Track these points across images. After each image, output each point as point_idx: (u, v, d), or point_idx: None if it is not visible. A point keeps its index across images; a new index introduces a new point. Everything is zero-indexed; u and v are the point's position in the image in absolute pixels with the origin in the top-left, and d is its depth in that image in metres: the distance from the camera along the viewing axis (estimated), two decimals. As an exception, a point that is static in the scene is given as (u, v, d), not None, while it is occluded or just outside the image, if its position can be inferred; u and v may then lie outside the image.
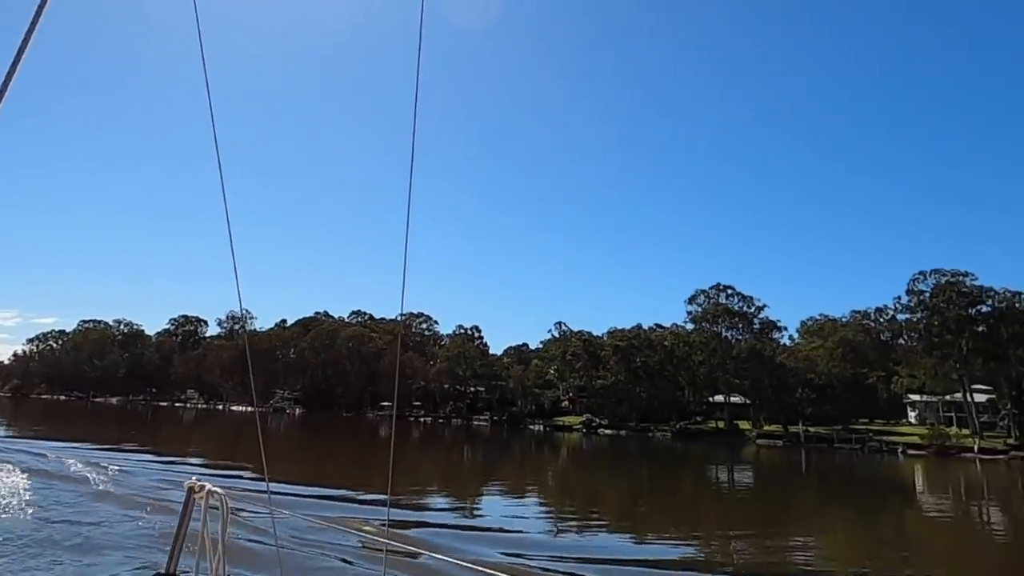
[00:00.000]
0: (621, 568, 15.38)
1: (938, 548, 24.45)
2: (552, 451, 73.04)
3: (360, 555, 15.55)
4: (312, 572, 13.82)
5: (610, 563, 15.78)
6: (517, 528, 21.33)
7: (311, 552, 15.54)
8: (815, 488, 47.72)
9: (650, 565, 16.17)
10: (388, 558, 13.27)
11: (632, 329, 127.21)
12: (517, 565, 15.13)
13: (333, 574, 13.93)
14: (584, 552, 17.43)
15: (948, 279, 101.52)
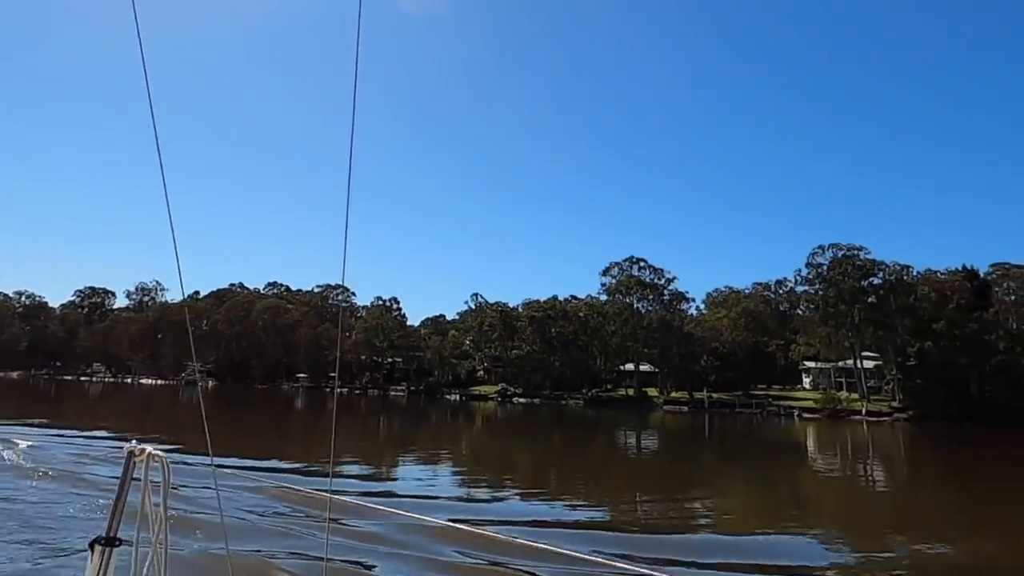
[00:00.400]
0: (533, 529, 15.64)
1: (828, 503, 26.02)
2: (468, 420, 73.77)
3: (301, 522, 15.47)
4: (256, 537, 13.66)
5: (523, 524, 16.09)
6: (432, 494, 21.74)
7: (253, 519, 15.41)
8: (717, 451, 49.74)
9: (561, 526, 16.49)
10: (330, 525, 13.34)
11: (548, 300, 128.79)
12: (449, 526, 15.41)
13: (276, 538, 13.80)
14: (497, 514, 17.77)
15: (844, 253, 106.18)
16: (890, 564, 14.55)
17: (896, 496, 29.77)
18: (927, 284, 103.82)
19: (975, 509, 24.77)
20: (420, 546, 13.65)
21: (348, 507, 16.77)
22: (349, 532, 14.28)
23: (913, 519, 22.44)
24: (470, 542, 13.99)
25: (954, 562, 15.24)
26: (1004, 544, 18.20)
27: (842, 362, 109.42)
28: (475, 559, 12.98)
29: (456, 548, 13.53)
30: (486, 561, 12.75)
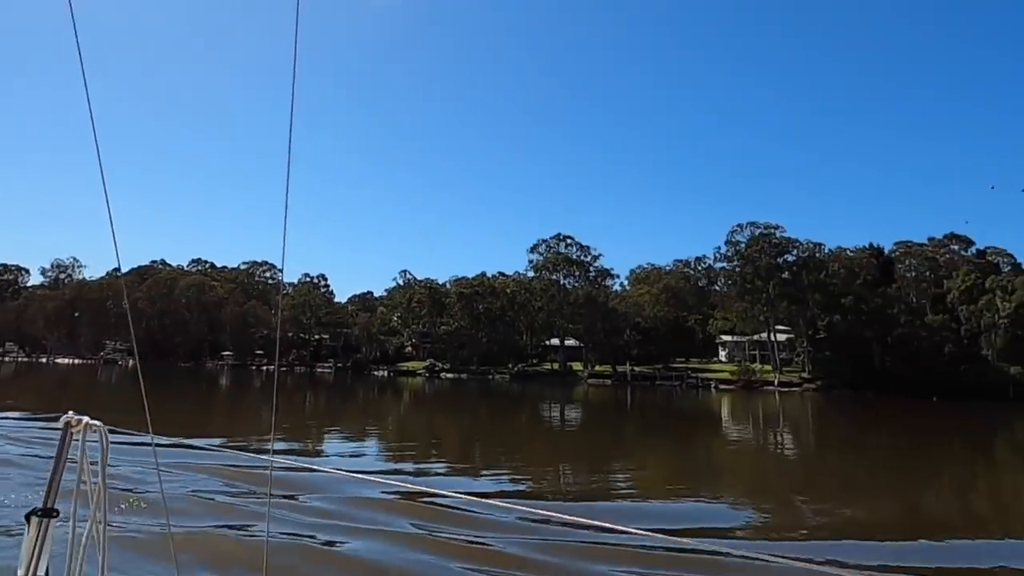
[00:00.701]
0: (459, 500, 15.70)
1: (741, 470, 27.23)
2: (395, 395, 73.81)
3: (242, 497, 15.30)
4: (196, 513, 13.41)
5: (448, 497, 16.39)
6: (361, 468, 21.93)
7: (193, 495, 15.15)
8: (638, 422, 51.13)
9: (486, 496, 16.84)
10: (271, 500, 13.29)
11: (476, 277, 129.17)
12: (380, 498, 15.60)
13: (217, 514, 13.55)
14: (425, 486, 17.99)
15: (761, 231, 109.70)
16: (796, 524, 15.32)
17: (803, 461, 31.26)
18: (837, 261, 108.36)
19: (873, 472, 26.27)
20: (362, 518, 13.80)
21: (288, 482, 16.70)
22: (289, 506, 14.30)
23: (818, 483, 23.64)
24: (413, 512, 14.31)
25: (854, 521, 16.05)
26: (897, 503, 19.53)
27: (756, 335, 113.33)
28: (419, 528, 13.24)
29: (399, 517, 13.81)
30: (427, 531, 13.02)
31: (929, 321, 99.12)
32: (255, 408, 47.75)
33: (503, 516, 14.10)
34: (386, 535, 12.59)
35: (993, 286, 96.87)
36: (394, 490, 16.42)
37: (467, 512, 14.53)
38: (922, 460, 31.27)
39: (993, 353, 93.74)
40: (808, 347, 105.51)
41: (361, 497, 15.62)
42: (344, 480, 17.55)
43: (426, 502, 15.31)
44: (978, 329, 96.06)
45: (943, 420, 57.15)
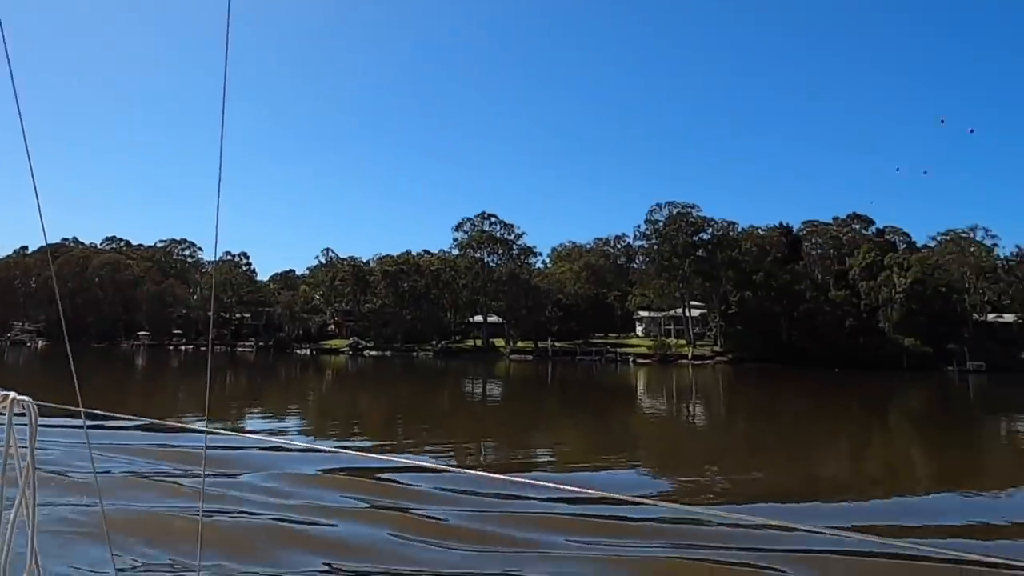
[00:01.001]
0: (382, 474, 15.82)
1: (656, 440, 28.25)
2: (318, 373, 73.21)
3: (174, 474, 15.03)
4: (129, 491, 13.11)
5: (370, 471, 16.18)
6: (287, 446, 21.77)
7: (125, 474, 14.83)
8: (558, 396, 52.14)
9: (407, 471, 16.64)
10: (207, 478, 13.09)
11: (401, 255, 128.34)
12: (313, 473, 15.61)
13: (150, 491, 13.27)
14: (343, 463, 18.14)
15: (679, 210, 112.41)
16: (705, 490, 15.99)
17: (714, 430, 32.60)
18: (749, 239, 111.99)
19: (777, 439, 27.65)
20: (296, 493, 13.75)
21: (221, 460, 16.56)
22: (225, 484, 14.13)
23: (727, 450, 24.65)
24: (341, 486, 14.35)
25: (759, 484, 16.81)
26: (798, 467, 20.72)
27: (672, 311, 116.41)
28: (348, 502, 13.29)
29: (332, 491, 13.85)
30: (366, 504, 13.12)
31: (832, 296, 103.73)
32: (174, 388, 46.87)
33: (432, 487, 14.51)
34: (321, 509, 12.64)
35: (891, 263, 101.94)
36: (328, 465, 16.44)
37: (397, 484, 14.81)
38: (822, 428, 32.91)
39: (889, 326, 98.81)
40: (720, 322, 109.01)
41: (295, 473, 15.71)
42: (279, 457, 17.49)
43: (357, 475, 15.43)
44: (876, 304, 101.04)
45: (842, 390, 60.16)
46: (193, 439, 18.46)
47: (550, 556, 9.86)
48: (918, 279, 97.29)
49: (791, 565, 9.49)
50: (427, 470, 16.53)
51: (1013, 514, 14.34)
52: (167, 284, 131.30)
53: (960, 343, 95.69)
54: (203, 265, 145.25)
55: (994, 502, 15.70)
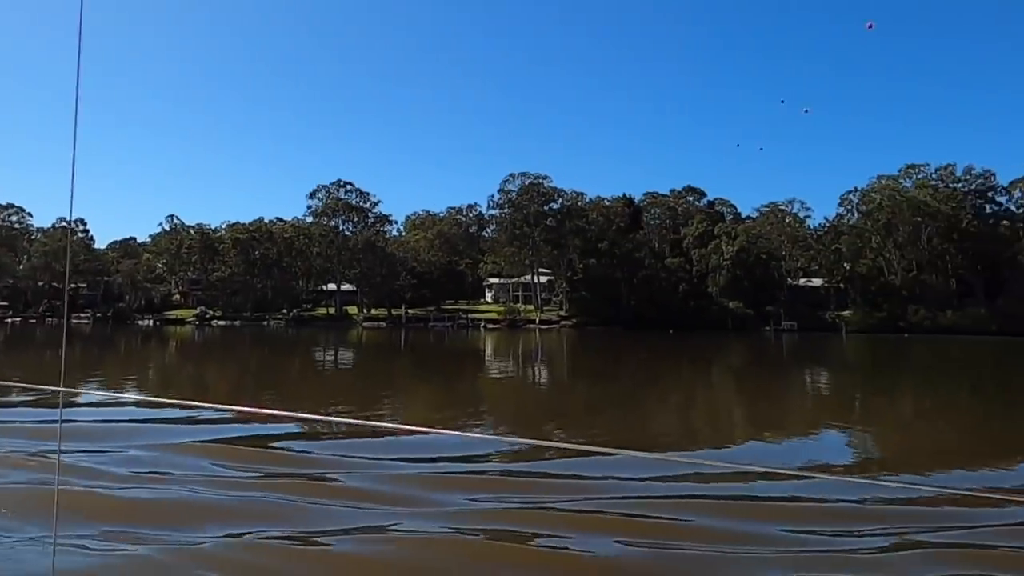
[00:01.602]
0: (227, 446, 15.32)
1: (501, 400, 29.07)
2: (161, 344, 69.99)
3: (21, 452, 13.88)
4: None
5: (217, 442, 15.68)
6: (119, 418, 20.86)
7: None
8: (410, 360, 52.38)
9: (257, 444, 16.03)
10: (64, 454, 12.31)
11: (253, 222, 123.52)
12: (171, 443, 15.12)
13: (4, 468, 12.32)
14: (191, 436, 17.70)
15: (531, 181, 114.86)
16: (546, 449, 16.96)
17: (556, 390, 34.11)
18: (596, 210, 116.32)
19: (615, 397, 28.77)
20: (162, 461, 13.07)
21: (78, 432, 15.52)
22: (85, 458, 13.04)
23: (567, 409, 25.47)
24: (207, 454, 13.84)
25: (594, 439, 17.94)
26: (633, 422, 22.27)
27: (522, 278, 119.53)
28: (220, 468, 12.94)
29: (198, 459, 13.38)
30: (226, 471, 12.66)
31: (668, 264, 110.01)
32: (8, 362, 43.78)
33: (314, 452, 14.69)
34: (177, 479, 12.01)
35: (720, 232, 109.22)
36: (200, 435, 15.88)
37: (267, 450, 14.78)
38: (656, 385, 35.17)
39: (717, 291, 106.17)
40: (566, 288, 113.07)
41: (164, 443, 15.30)
42: (142, 428, 16.76)
43: (219, 444, 15.15)
44: (706, 270, 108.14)
45: (675, 350, 64.27)
46: (47, 413, 17.51)
47: (429, 513, 10.31)
48: (743, 247, 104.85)
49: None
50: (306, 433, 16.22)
51: (810, 455, 16.11)
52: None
53: (776, 305, 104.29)
54: (32, 232, 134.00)
55: (795, 446, 17.86)
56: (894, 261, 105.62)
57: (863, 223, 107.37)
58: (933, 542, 8.75)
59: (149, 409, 20.23)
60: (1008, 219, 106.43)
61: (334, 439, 16.41)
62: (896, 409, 26.45)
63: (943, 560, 8.17)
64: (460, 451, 14.50)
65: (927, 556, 8.22)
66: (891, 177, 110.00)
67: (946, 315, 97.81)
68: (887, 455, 16.87)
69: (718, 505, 10.55)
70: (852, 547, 8.60)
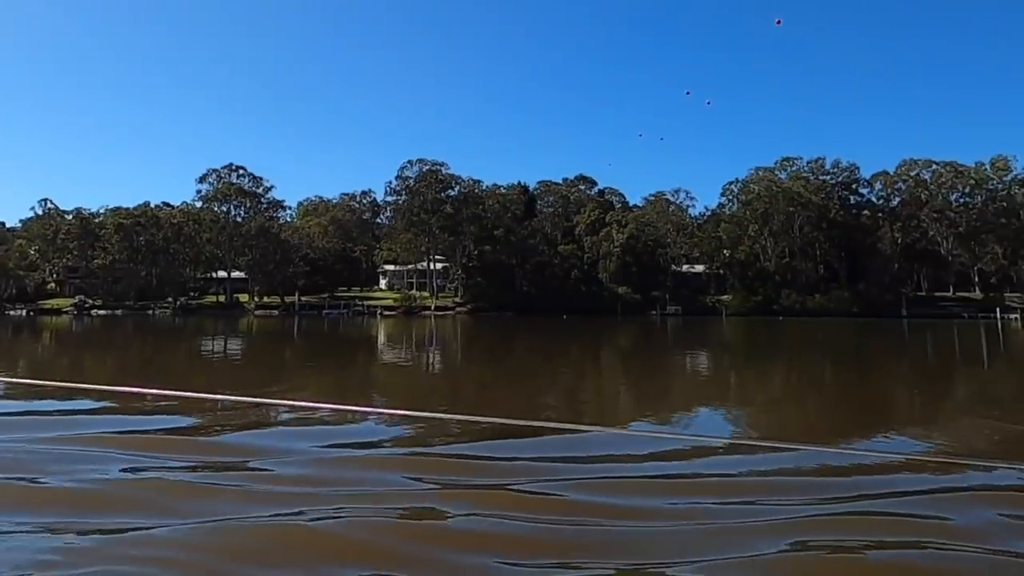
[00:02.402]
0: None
1: (392, 385, 28.72)
2: (33, 336, 65.66)
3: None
4: None
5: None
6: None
7: None
8: (303, 348, 50.95)
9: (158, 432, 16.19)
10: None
11: (138, 207, 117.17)
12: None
13: None
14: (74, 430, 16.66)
15: (429, 168, 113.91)
16: (439, 431, 16.99)
17: (449, 374, 33.99)
18: (492, 197, 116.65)
19: (506, 378, 28.51)
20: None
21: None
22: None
23: (459, 392, 24.64)
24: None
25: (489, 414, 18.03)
26: (521, 402, 22.44)
27: (417, 265, 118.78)
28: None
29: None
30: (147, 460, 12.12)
31: (561, 250, 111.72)
32: None
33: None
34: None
35: (611, 220, 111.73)
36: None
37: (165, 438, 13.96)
38: (545, 367, 35.62)
39: (607, 276, 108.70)
40: (462, 275, 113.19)
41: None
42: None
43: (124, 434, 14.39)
44: (597, 256, 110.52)
45: (566, 334, 65.30)
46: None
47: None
48: (632, 235, 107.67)
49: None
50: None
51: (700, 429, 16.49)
52: None
53: (662, 291, 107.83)
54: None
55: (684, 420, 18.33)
56: (768, 248, 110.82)
57: (742, 212, 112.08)
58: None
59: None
60: (869, 209, 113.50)
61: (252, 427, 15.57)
62: (773, 384, 27.79)
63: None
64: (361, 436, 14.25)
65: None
66: (768, 169, 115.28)
67: (814, 298, 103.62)
68: (776, 423, 17.47)
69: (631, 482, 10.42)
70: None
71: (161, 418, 15.46)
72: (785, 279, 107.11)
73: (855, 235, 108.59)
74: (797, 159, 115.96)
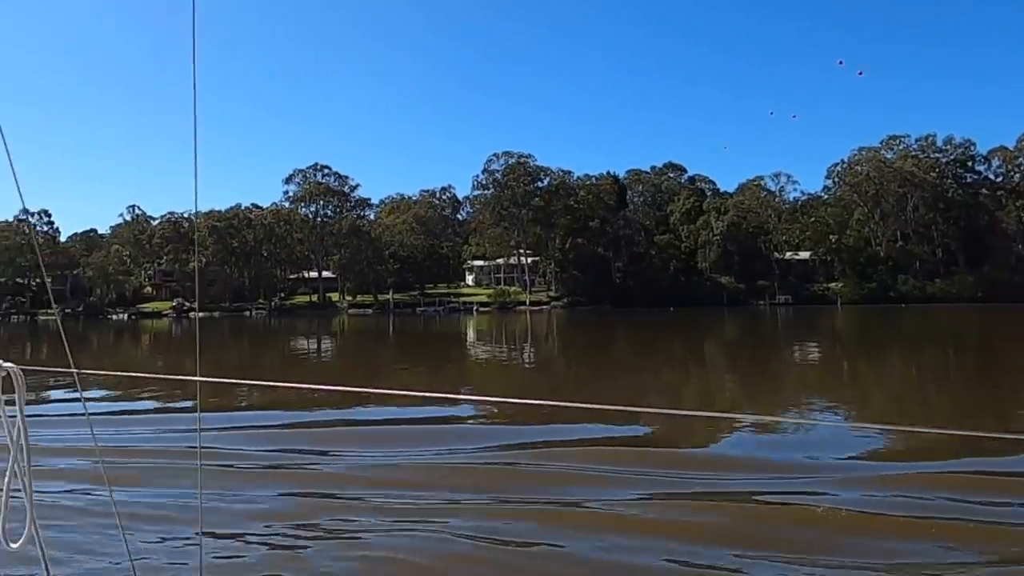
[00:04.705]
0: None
1: (493, 380, 26.47)
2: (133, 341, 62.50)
3: (170, 429, 14.36)
4: (126, 444, 12.43)
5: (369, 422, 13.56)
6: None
7: (120, 426, 14.34)
8: (415, 346, 48.25)
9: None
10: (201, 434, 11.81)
11: (230, 209, 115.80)
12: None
13: (148, 442, 12.78)
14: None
15: (516, 160, 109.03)
16: (536, 417, 14.77)
17: (541, 366, 32.02)
18: (584, 188, 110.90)
19: (602, 370, 27.72)
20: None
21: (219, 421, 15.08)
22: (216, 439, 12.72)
23: (558, 384, 24.09)
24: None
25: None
26: (615, 388, 21.00)
27: (504, 259, 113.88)
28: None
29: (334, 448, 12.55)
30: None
31: (658, 241, 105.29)
32: None
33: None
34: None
35: (709, 208, 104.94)
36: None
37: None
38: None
39: (708, 266, 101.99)
40: (554, 268, 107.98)
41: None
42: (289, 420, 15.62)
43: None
44: (695, 246, 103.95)
45: (685, 326, 60.96)
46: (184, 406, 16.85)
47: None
48: (733, 222, 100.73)
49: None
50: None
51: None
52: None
53: (766, 279, 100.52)
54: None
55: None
56: (879, 232, 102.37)
57: (849, 195, 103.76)
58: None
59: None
60: (988, 187, 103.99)
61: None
62: (930, 378, 25.03)
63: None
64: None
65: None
66: (873, 149, 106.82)
67: (934, 284, 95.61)
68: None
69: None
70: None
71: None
72: (899, 264, 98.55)
73: (975, 215, 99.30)
74: (904, 137, 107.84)
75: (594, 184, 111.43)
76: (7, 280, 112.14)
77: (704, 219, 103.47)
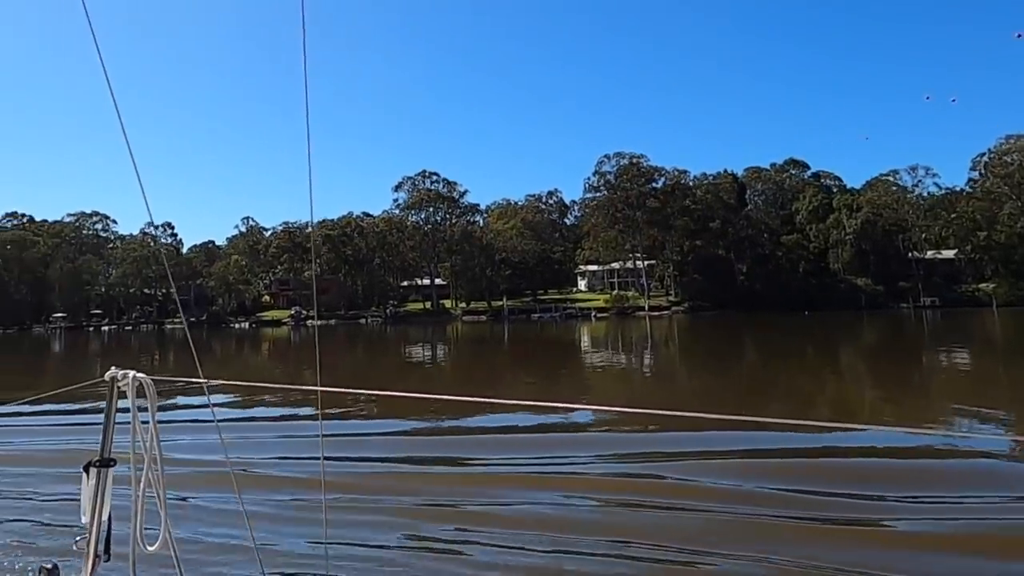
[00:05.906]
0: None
1: (606, 388, 24.85)
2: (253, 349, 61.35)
3: (294, 435, 14.70)
4: (253, 451, 12.55)
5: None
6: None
7: (246, 433, 14.63)
8: (547, 353, 45.63)
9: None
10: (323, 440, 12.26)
11: (342, 218, 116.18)
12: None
13: (273, 449, 12.80)
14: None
15: (628, 161, 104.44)
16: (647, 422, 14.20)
17: (658, 373, 30.68)
18: (702, 188, 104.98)
19: (724, 383, 25.15)
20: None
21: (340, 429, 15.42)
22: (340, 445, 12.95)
23: (677, 394, 22.86)
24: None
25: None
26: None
27: (619, 264, 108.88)
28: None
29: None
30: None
31: (784, 241, 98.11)
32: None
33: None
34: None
35: (839, 205, 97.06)
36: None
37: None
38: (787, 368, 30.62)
39: (841, 267, 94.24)
40: (674, 271, 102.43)
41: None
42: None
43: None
44: (825, 245, 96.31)
45: (808, 330, 56.24)
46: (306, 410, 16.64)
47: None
48: (868, 219, 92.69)
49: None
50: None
51: None
52: (83, 261, 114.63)
53: (905, 280, 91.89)
54: (114, 240, 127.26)
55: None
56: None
57: (998, 187, 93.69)
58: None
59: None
60: None
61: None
62: None
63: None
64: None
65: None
66: (1021, 137, 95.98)
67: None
68: None
69: None
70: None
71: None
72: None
73: None
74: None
75: (712, 183, 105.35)
76: (136, 291, 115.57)
77: (834, 217, 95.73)
